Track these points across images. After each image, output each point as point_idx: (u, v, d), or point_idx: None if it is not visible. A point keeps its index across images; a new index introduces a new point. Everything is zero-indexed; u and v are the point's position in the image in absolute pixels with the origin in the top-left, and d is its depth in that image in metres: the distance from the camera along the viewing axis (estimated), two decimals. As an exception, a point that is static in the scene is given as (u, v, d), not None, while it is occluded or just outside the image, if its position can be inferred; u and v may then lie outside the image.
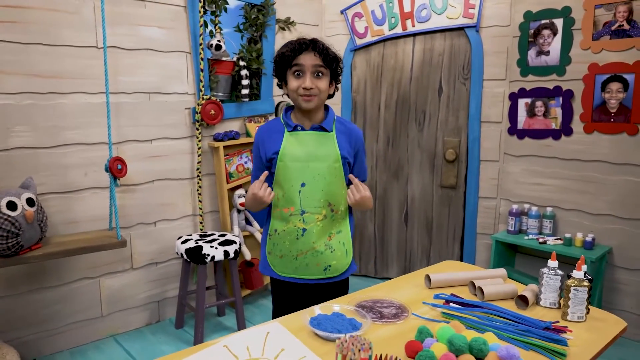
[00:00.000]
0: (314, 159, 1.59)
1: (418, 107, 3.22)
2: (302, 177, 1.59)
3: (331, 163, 1.60)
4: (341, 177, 1.63)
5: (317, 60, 1.55)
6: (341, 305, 1.33)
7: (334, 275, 1.66)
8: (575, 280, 1.34)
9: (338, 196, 1.64)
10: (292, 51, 1.54)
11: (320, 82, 1.57)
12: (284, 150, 1.59)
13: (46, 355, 2.42)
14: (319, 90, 1.56)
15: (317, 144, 1.60)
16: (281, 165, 1.60)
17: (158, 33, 2.58)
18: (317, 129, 1.62)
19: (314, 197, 1.59)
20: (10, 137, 2.20)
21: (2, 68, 2.15)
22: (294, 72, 1.56)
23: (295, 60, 1.55)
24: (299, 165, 1.59)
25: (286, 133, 1.61)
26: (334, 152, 1.61)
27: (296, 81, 1.56)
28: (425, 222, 3.32)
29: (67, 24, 2.29)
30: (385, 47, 3.23)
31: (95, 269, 2.53)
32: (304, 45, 1.54)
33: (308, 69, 1.55)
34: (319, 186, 1.59)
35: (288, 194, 1.60)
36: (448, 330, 1.14)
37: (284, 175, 1.60)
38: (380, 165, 3.36)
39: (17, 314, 2.30)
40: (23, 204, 1.97)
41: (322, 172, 1.59)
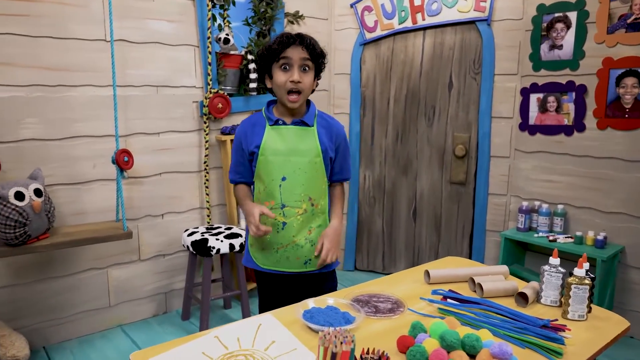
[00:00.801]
0: (294, 153, 1.60)
1: (428, 102, 3.18)
2: (282, 171, 1.59)
3: (312, 157, 1.61)
4: (322, 172, 1.64)
5: (305, 54, 1.54)
6: (335, 298, 1.33)
7: (314, 269, 1.66)
8: (576, 278, 1.31)
9: (318, 191, 1.65)
10: (280, 44, 1.53)
11: (306, 77, 1.56)
12: (265, 144, 1.59)
13: (55, 343, 2.46)
14: (304, 86, 1.55)
15: (298, 138, 1.61)
16: (262, 159, 1.60)
17: (166, 26, 2.60)
18: (298, 123, 1.61)
19: (294, 191, 1.60)
20: (20, 129, 2.24)
21: (13, 61, 2.18)
22: (281, 66, 1.55)
23: (283, 53, 1.53)
24: (280, 160, 1.59)
25: (267, 127, 1.61)
26: (315, 146, 1.61)
27: (283, 75, 1.55)
28: (434, 218, 3.28)
29: (76, 18, 2.31)
30: (395, 41, 3.20)
31: (103, 260, 2.56)
32: (292, 39, 1.53)
33: (296, 62, 1.54)
34: (299, 180, 1.60)
35: (269, 188, 1.60)
36: (441, 325, 1.13)
37: (264, 169, 1.60)
38: (389, 161, 3.34)
39: (26, 303, 2.35)
40: (31, 195, 2.00)
41: (302, 166, 1.60)
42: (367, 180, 3.42)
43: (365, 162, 3.40)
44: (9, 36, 2.16)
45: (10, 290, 2.30)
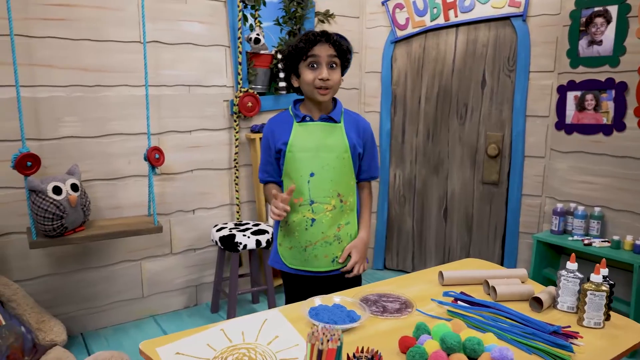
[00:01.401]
0: (322, 149, 1.60)
1: (460, 100, 3.12)
2: (310, 167, 1.59)
3: (340, 153, 1.61)
4: (350, 167, 1.64)
5: (332, 51, 1.55)
6: (342, 297, 1.34)
7: (341, 267, 1.66)
8: (593, 285, 1.27)
9: (347, 187, 1.64)
10: (307, 42, 1.54)
11: (334, 74, 1.57)
12: (293, 140, 1.60)
13: (91, 330, 2.60)
14: (333, 82, 1.57)
15: (326, 134, 1.61)
16: (290, 156, 1.60)
17: (198, 28, 2.67)
18: (325, 119, 1.62)
19: (323, 187, 1.60)
20: (60, 127, 2.37)
21: (54, 62, 2.31)
22: (309, 64, 1.56)
23: (311, 51, 1.54)
24: (308, 156, 1.59)
25: (295, 124, 1.62)
26: (343, 142, 1.61)
27: (312, 73, 1.55)
28: (465, 218, 3.22)
29: (113, 21, 2.42)
30: (426, 39, 3.16)
31: (137, 253, 2.67)
32: (318, 36, 1.55)
33: (323, 60, 1.55)
34: (327, 176, 1.60)
35: (297, 184, 1.60)
36: (443, 327, 1.12)
37: (292, 166, 1.61)
38: (420, 160, 3.30)
39: (65, 291, 2.49)
40: (67, 189, 2.12)
41: (331, 162, 1.60)
42: (398, 179, 3.39)
43: (395, 160, 3.38)
44: (50, 39, 2.29)
45: (51, 279, 2.44)
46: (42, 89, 2.30)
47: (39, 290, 2.39)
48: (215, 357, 1.06)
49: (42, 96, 2.30)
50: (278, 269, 1.72)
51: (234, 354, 1.08)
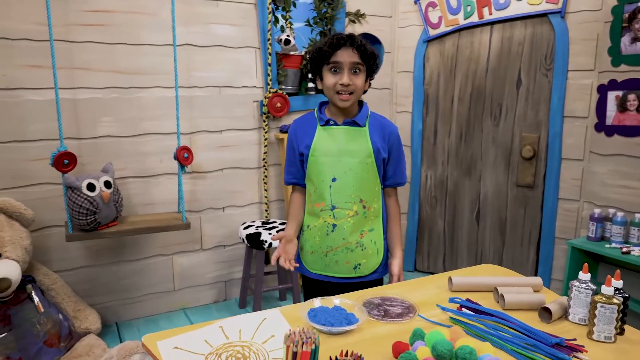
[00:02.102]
0: (345, 153, 1.58)
1: (494, 100, 3.04)
2: (333, 171, 1.58)
3: (363, 158, 1.58)
4: (374, 173, 1.61)
5: (355, 56, 1.52)
6: (342, 299, 1.35)
7: (363, 274, 1.65)
8: (604, 297, 1.21)
9: (371, 193, 1.61)
10: (330, 46, 1.52)
11: (357, 79, 1.54)
12: (316, 144, 1.59)
13: (125, 320, 2.73)
14: (355, 87, 1.53)
15: (349, 138, 1.58)
16: (312, 160, 1.60)
17: (229, 30, 2.74)
18: (349, 123, 1.59)
19: (345, 192, 1.58)
20: (98, 127, 2.50)
21: (92, 66, 2.44)
22: (331, 69, 1.54)
23: (333, 56, 1.52)
24: (331, 160, 1.58)
25: (318, 127, 1.60)
26: (367, 147, 1.58)
27: (333, 77, 1.53)
28: (499, 222, 3.13)
29: (147, 25, 2.53)
30: (460, 38, 3.09)
31: (169, 247, 2.78)
32: (342, 40, 1.51)
33: (346, 65, 1.52)
34: (350, 181, 1.57)
35: (319, 189, 1.59)
36: (437, 335, 1.11)
37: (315, 170, 1.60)
38: (452, 161, 3.24)
39: (101, 282, 2.63)
40: (101, 186, 2.24)
41: (353, 167, 1.57)
42: (429, 180, 3.34)
43: (427, 161, 3.33)
44: (89, 44, 2.42)
45: (88, 270, 2.59)
46: (81, 91, 2.44)
47: (77, 281, 2.54)
48: (210, 353, 1.10)
49: (81, 97, 2.44)
50: (299, 272, 1.72)
51: (229, 350, 1.11)
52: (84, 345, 2.24)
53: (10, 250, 2.06)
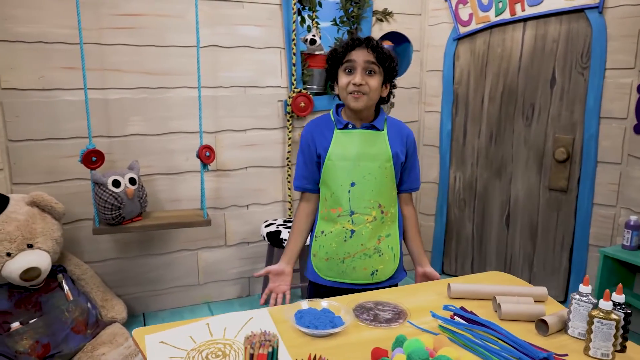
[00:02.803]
0: (364, 157, 1.55)
1: (526, 100, 2.92)
2: (351, 176, 1.55)
3: (382, 162, 1.57)
4: (392, 177, 1.59)
5: (370, 56, 1.49)
6: (330, 302, 1.35)
7: (380, 281, 1.64)
8: (601, 312, 1.15)
9: (389, 198, 1.60)
10: (345, 47, 1.51)
11: (371, 80, 1.50)
12: (333, 148, 1.56)
13: (152, 311, 2.84)
14: (369, 88, 1.50)
15: (368, 142, 1.56)
16: (329, 164, 1.56)
17: (255, 31, 2.79)
18: (368, 127, 1.57)
19: (364, 197, 1.56)
20: (127, 126, 2.61)
21: (122, 67, 2.56)
22: (345, 69, 1.52)
23: (347, 56, 1.50)
24: (349, 164, 1.55)
25: (336, 131, 1.57)
26: (386, 151, 1.57)
27: (346, 77, 1.51)
28: (530, 226, 3.01)
29: (174, 27, 2.61)
30: (491, 35, 2.99)
31: (194, 243, 2.87)
32: (357, 41, 1.50)
33: (359, 65, 1.49)
34: (369, 186, 1.55)
35: (336, 194, 1.57)
36: (415, 343, 1.09)
37: (332, 175, 1.57)
38: (482, 162, 3.14)
39: (129, 274, 2.75)
40: (126, 183, 2.35)
41: (372, 171, 1.56)
42: (458, 181, 3.26)
43: (456, 162, 3.25)
44: (119, 46, 2.53)
45: (117, 262, 2.72)
46: (112, 91, 2.56)
47: (106, 272, 2.67)
48: (192, 349, 1.14)
49: (112, 98, 2.56)
50: (312, 280, 1.69)
51: (210, 347, 1.14)
52: (108, 333, 2.35)
53: (41, 241, 2.20)
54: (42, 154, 2.46)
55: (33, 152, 2.45)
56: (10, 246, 2.10)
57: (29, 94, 2.41)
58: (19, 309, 2.16)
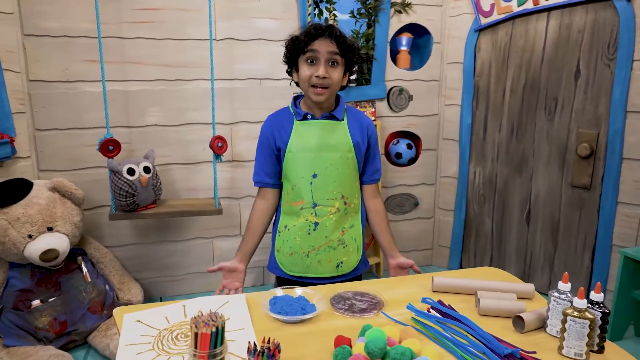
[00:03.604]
0: (325, 148, 1.54)
1: (549, 93, 2.81)
2: (313, 168, 1.54)
3: (344, 153, 1.56)
4: (355, 168, 1.59)
5: (333, 47, 1.47)
6: (305, 289, 1.36)
7: (345, 273, 1.64)
8: (574, 310, 1.11)
9: (352, 188, 1.59)
10: (307, 36, 1.47)
11: (334, 72, 1.49)
12: (293, 140, 1.55)
13: (169, 296, 2.95)
14: (332, 81, 1.49)
15: (328, 132, 1.55)
16: (290, 157, 1.55)
17: (270, 24, 2.82)
18: (327, 117, 1.57)
19: (326, 188, 1.55)
20: (146, 116, 2.71)
21: (142, 60, 2.65)
22: (307, 59, 1.49)
23: (310, 45, 1.47)
24: (310, 156, 1.54)
25: (295, 122, 1.57)
26: (347, 141, 1.56)
27: (309, 69, 1.49)
28: (551, 224, 2.91)
29: (192, 21, 2.68)
30: (514, 26, 2.89)
31: (210, 231, 2.95)
32: (320, 30, 1.47)
33: (323, 56, 1.47)
34: (331, 177, 1.54)
35: (298, 186, 1.55)
36: (375, 332, 1.09)
37: (293, 167, 1.56)
38: (502, 157, 3.06)
39: (147, 259, 2.86)
40: (140, 171, 2.44)
41: (334, 162, 1.55)
42: (477, 177, 3.19)
43: (475, 157, 3.18)
44: (139, 40, 2.62)
45: (136, 247, 2.83)
46: (132, 83, 2.66)
47: (125, 256, 2.79)
48: (165, 329, 1.19)
49: (132, 89, 2.66)
50: (277, 275, 1.68)
51: (182, 328, 1.19)
52: (123, 314, 2.46)
53: (60, 225, 2.32)
54: (65, 143, 2.60)
55: (58, 140, 2.59)
56: (31, 228, 2.23)
57: (55, 86, 2.54)
58: (40, 287, 2.30)
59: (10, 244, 2.20)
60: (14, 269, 2.30)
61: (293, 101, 1.65)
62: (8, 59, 2.39)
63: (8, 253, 2.24)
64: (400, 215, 3.31)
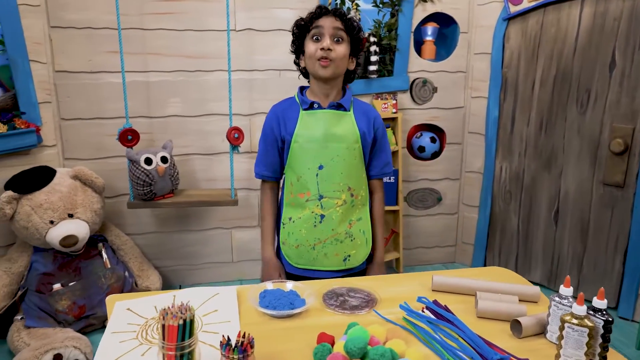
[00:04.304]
0: (331, 139, 1.52)
1: (581, 85, 2.66)
2: (319, 159, 1.51)
3: (351, 143, 1.53)
4: (361, 159, 1.56)
5: (338, 23, 1.48)
6: (297, 283, 1.34)
7: (353, 267, 1.61)
8: (574, 317, 1.04)
9: (359, 180, 1.57)
10: (312, 15, 1.52)
11: (339, 47, 1.49)
12: (299, 130, 1.53)
13: (188, 284, 3.00)
14: (336, 55, 1.48)
15: (335, 122, 1.53)
16: (296, 147, 1.53)
17: (290, 14, 2.78)
18: (334, 106, 1.54)
19: (333, 180, 1.52)
20: (167, 107, 2.75)
21: (162, 51, 2.68)
22: (313, 37, 1.51)
23: (315, 22, 1.50)
24: (316, 146, 1.52)
25: (301, 112, 1.56)
26: (353, 131, 1.53)
27: (314, 45, 1.50)
28: (580, 224, 2.77)
29: (212, 12, 2.68)
30: (545, 14, 2.75)
31: (229, 222, 2.97)
32: (325, 9, 1.50)
33: (327, 31, 1.48)
34: (338, 169, 1.52)
35: (304, 177, 1.53)
36: (357, 331, 1.06)
37: (299, 158, 1.54)
38: (530, 152, 2.92)
39: (167, 247, 2.92)
40: (157, 161, 2.48)
41: (341, 153, 1.52)
42: (504, 172, 3.06)
43: (502, 152, 3.05)
44: (160, 31, 2.65)
45: (157, 235, 2.89)
46: (153, 74, 2.70)
47: (146, 244, 2.85)
48: (152, 318, 1.19)
49: (153, 80, 2.70)
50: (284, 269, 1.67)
51: (169, 318, 1.19)
52: (140, 301, 2.52)
53: (81, 212, 2.39)
54: (89, 132, 2.67)
55: (82, 130, 2.66)
56: (53, 215, 2.31)
57: (79, 76, 2.61)
58: (61, 272, 2.38)
59: (33, 229, 2.29)
60: (37, 253, 2.39)
61: (299, 91, 1.63)
62: (35, 50, 2.47)
63: (32, 238, 2.33)
64: (422, 210, 3.24)
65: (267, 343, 1.10)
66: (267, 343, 1.10)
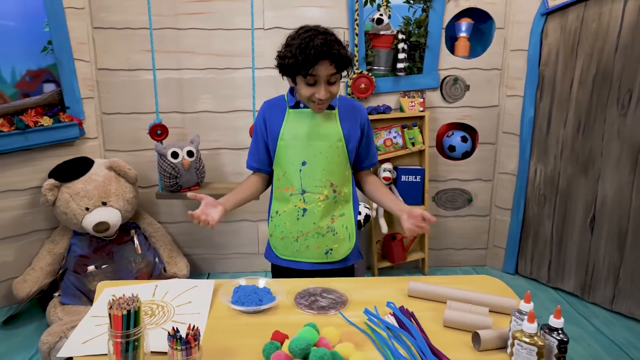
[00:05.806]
0: (315, 137, 1.57)
1: (622, 85, 2.48)
2: (302, 155, 1.57)
3: (334, 142, 1.57)
4: (344, 157, 1.59)
5: (332, 69, 1.45)
6: (269, 281, 1.38)
7: (335, 260, 1.64)
8: (523, 335, 1.01)
9: (341, 177, 1.60)
10: (306, 61, 1.43)
11: (333, 88, 1.50)
12: (285, 128, 1.59)
13: (216, 272, 3.14)
14: (332, 96, 1.51)
15: (320, 121, 1.57)
16: (282, 144, 1.59)
17: (318, 12, 2.82)
18: None
19: (315, 176, 1.58)
20: (198, 103, 2.88)
21: (194, 50, 2.81)
22: (307, 82, 1.48)
23: (310, 70, 1.44)
24: (300, 144, 1.57)
25: (288, 110, 1.60)
26: (337, 130, 1.57)
27: (308, 90, 1.49)
28: (618, 232, 2.59)
29: (241, 11, 2.77)
30: (586, 9, 2.58)
31: (255, 214, 3.07)
32: (319, 55, 1.41)
33: (323, 80, 1.46)
34: (320, 165, 1.57)
35: (288, 173, 1.60)
36: (304, 332, 1.09)
37: (284, 154, 1.60)
38: (566, 155, 2.77)
39: (197, 236, 3.07)
40: (184, 155, 2.61)
41: (323, 150, 1.57)
42: (538, 174, 2.93)
43: (537, 153, 2.91)
44: (192, 30, 2.78)
45: (188, 225, 3.04)
46: (186, 72, 2.83)
47: (177, 232, 3.02)
48: (130, 305, 1.29)
49: (186, 77, 2.84)
50: (270, 261, 1.73)
51: (146, 306, 1.28)
52: (166, 286, 2.68)
53: (114, 200, 2.58)
54: (127, 126, 2.86)
55: (120, 124, 2.85)
56: (88, 202, 2.51)
57: (118, 74, 2.79)
58: (96, 254, 2.58)
59: (71, 214, 2.50)
60: (76, 237, 2.61)
61: (290, 91, 1.66)
62: (79, 49, 2.68)
63: (70, 222, 2.54)
64: (451, 211, 3.17)
65: (225, 337, 1.16)
66: (225, 337, 1.16)
